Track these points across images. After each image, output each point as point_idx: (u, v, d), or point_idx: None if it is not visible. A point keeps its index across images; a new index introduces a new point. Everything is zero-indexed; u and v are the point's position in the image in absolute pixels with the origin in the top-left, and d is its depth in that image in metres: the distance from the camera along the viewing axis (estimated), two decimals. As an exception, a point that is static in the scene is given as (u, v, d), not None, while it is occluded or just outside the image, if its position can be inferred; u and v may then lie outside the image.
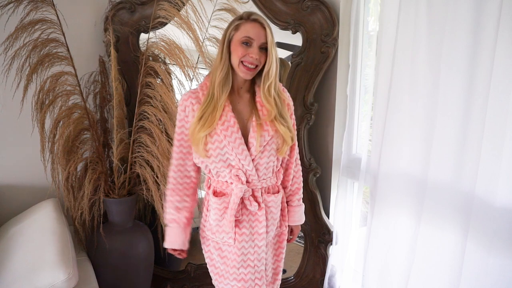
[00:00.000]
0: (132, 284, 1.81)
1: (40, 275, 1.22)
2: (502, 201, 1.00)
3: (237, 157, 1.19)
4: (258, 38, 1.14)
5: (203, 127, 1.16)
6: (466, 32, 1.07)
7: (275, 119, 1.21)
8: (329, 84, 1.85)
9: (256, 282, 1.29)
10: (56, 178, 1.71)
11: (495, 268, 1.03)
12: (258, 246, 1.26)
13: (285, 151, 1.25)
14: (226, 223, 1.23)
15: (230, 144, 1.18)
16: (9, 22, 1.51)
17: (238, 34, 1.15)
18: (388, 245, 1.43)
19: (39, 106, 1.62)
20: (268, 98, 1.20)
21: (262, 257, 1.27)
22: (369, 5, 1.68)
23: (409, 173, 1.33)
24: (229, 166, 1.21)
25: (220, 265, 1.31)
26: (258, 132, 1.19)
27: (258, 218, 1.25)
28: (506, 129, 0.98)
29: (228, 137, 1.18)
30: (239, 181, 1.20)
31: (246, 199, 1.23)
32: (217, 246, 1.30)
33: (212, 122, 1.17)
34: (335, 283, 1.88)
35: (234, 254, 1.25)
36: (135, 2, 1.87)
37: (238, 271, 1.26)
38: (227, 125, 1.18)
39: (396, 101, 1.34)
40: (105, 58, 1.91)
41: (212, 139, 1.19)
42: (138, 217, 2.04)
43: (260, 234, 1.26)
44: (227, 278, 1.29)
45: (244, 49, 1.15)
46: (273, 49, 1.17)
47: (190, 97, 1.22)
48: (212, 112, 1.17)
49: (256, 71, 1.19)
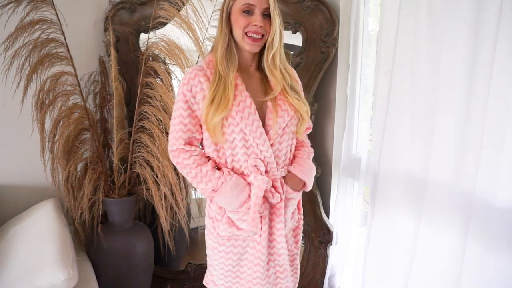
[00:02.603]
0: (132, 284, 1.81)
1: (40, 275, 1.22)
2: (502, 201, 1.00)
3: (255, 141, 1.08)
4: (259, 4, 1.05)
5: (217, 110, 1.04)
6: (466, 32, 1.07)
7: (286, 92, 1.10)
8: (329, 84, 1.84)
9: (278, 275, 1.21)
10: (56, 178, 1.71)
11: (495, 268, 1.03)
12: (278, 241, 1.17)
13: (303, 130, 1.15)
14: (249, 221, 1.12)
15: (247, 127, 1.06)
16: (9, 22, 1.50)
17: (238, 3, 1.06)
18: (388, 245, 1.43)
19: (39, 106, 1.62)
20: (273, 70, 1.10)
21: (282, 252, 1.18)
22: (369, 5, 1.68)
23: (409, 173, 1.33)
24: (245, 154, 1.10)
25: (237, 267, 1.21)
26: (276, 113, 1.08)
27: (277, 211, 1.16)
28: (506, 129, 0.98)
29: (245, 119, 1.06)
30: (257, 172, 1.10)
31: (268, 191, 1.12)
32: (237, 243, 1.18)
33: (226, 103, 1.04)
34: (335, 283, 1.88)
35: (259, 251, 1.15)
36: (135, 2, 1.87)
37: (262, 269, 1.16)
38: (243, 106, 1.06)
39: (396, 101, 1.34)
40: (105, 58, 1.91)
41: (226, 123, 1.06)
42: (138, 217, 2.03)
43: (279, 229, 1.16)
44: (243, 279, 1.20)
45: (246, 18, 1.05)
46: (276, 15, 1.07)
47: (198, 74, 1.09)
48: (223, 92, 1.05)
49: (263, 41, 1.09)
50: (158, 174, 1.72)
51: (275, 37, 1.08)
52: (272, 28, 1.07)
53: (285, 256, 1.20)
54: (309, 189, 1.25)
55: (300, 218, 1.30)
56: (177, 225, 1.82)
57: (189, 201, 1.97)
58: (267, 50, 1.10)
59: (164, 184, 1.71)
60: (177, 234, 1.88)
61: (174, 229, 1.82)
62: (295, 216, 1.27)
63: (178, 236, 1.90)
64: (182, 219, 1.77)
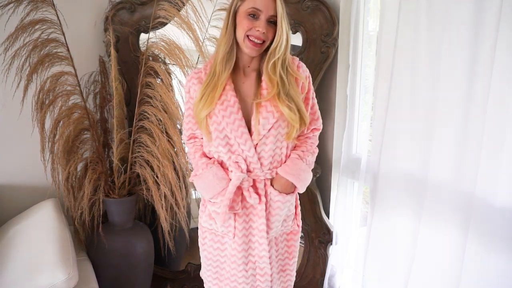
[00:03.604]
0: (132, 284, 1.81)
1: (40, 275, 1.22)
2: (502, 201, 1.00)
3: (237, 140, 1.10)
4: (266, 10, 1.04)
5: (203, 107, 1.09)
6: (466, 32, 1.07)
7: (278, 98, 1.08)
8: (329, 84, 1.85)
9: (258, 278, 1.20)
10: (56, 178, 1.71)
11: (495, 268, 1.03)
12: (259, 242, 1.16)
13: (292, 136, 1.12)
14: (220, 216, 1.12)
15: (228, 126, 1.09)
16: (9, 22, 1.50)
17: (245, 5, 1.05)
18: (388, 245, 1.43)
19: (39, 106, 1.62)
20: (271, 77, 1.08)
21: (263, 255, 1.17)
22: (369, 5, 1.68)
23: (409, 173, 1.33)
24: (229, 151, 1.12)
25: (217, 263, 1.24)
26: (259, 114, 1.08)
27: (258, 212, 1.14)
28: (506, 129, 0.98)
29: (227, 117, 1.08)
30: (238, 169, 1.11)
31: (245, 190, 1.13)
32: (216, 239, 1.22)
33: (211, 102, 1.08)
34: (335, 283, 1.88)
35: (234, 249, 1.17)
36: (135, 2, 1.87)
37: (239, 268, 1.17)
38: (226, 105, 1.09)
39: (396, 101, 1.34)
40: (105, 58, 1.91)
41: (211, 120, 1.11)
42: (138, 217, 2.03)
43: (260, 231, 1.15)
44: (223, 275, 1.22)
45: (251, 21, 1.05)
46: (284, 22, 1.05)
47: (193, 77, 1.19)
48: (212, 91, 1.09)
49: (263, 47, 1.09)
50: (158, 174, 1.72)
51: (279, 46, 1.06)
52: (278, 34, 1.06)
53: (266, 259, 1.17)
54: (301, 191, 1.21)
55: (296, 224, 1.28)
56: (177, 225, 1.82)
57: (189, 201, 1.97)
58: (268, 56, 1.09)
59: (164, 184, 1.71)
60: (177, 234, 1.88)
61: (174, 229, 1.82)
62: (288, 221, 1.24)
63: (178, 236, 1.90)
64: (182, 219, 1.77)
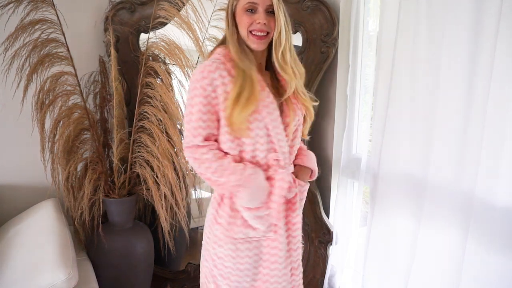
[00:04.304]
0: (132, 284, 1.81)
1: (40, 275, 1.22)
2: (502, 201, 1.00)
3: (277, 137, 1.08)
4: (262, 1, 1.04)
5: (245, 106, 1.01)
6: (466, 31, 1.07)
7: (296, 92, 1.10)
8: (329, 84, 1.85)
9: (293, 272, 1.20)
10: (56, 178, 1.71)
11: (495, 268, 1.03)
12: (293, 236, 1.16)
13: (307, 129, 1.17)
14: (273, 213, 1.10)
15: (271, 123, 1.06)
16: (9, 22, 1.50)
17: (241, 2, 1.05)
18: (388, 245, 1.43)
19: (39, 106, 1.62)
20: (284, 67, 1.08)
21: (298, 247, 1.19)
22: (369, 5, 1.68)
23: (409, 173, 1.33)
24: (270, 150, 1.09)
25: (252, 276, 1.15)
26: (293, 111, 1.10)
27: (292, 206, 1.16)
28: (506, 129, 0.98)
29: (270, 114, 1.06)
30: (278, 166, 1.09)
31: None
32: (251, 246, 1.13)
33: (255, 99, 1.02)
34: (335, 283, 1.88)
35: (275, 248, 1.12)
36: (135, 2, 1.87)
37: (281, 266, 1.13)
38: (268, 102, 1.06)
39: (396, 101, 1.34)
40: (105, 58, 1.91)
41: (251, 118, 1.05)
42: (138, 217, 2.03)
43: (295, 224, 1.16)
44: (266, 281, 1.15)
45: (250, 16, 1.04)
46: (281, 11, 1.05)
47: (218, 68, 1.04)
48: (252, 88, 1.03)
49: (268, 38, 1.07)
50: (158, 174, 1.72)
51: (281, 33, 1.05)
52: (277, 24, 1.05)
53: (300, 251, 1.21)
54: (315, 176, 1.26)
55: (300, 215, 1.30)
56: (177, 225, 1.82)
57: (189, 201, 1.97)
58: (275, 47, 1.08)
59: (164, 184, 1.71)
60: (177, 234, 1.88)
61: (174, 229, 1.82)
62: None
63: (178, 236, 1.90)
64: (182, 219, 1.77)
